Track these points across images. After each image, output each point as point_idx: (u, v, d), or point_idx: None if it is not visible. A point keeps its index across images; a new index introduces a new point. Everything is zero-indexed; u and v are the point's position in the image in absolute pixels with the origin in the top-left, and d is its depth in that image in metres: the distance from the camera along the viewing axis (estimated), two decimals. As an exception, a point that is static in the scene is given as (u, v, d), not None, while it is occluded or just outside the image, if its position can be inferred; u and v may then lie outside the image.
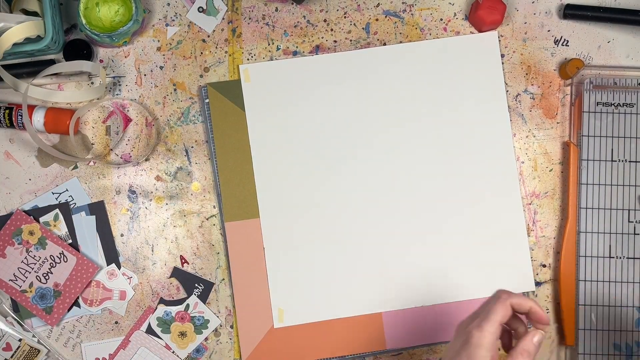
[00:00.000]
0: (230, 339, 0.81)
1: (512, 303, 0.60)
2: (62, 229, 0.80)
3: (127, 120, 0.81)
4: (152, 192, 0.81)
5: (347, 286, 0.80)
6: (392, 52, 0.81)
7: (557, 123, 0.82)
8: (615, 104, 0.79)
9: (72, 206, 0.80)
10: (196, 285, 0.81)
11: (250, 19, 0.82)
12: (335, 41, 0.82)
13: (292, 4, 0.82)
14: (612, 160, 0.79)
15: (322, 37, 0.82)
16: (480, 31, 0.82)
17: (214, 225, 0.81)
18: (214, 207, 0.81)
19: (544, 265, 0.81)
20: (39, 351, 0.80)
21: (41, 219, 0.80)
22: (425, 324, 0.80)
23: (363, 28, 0.82)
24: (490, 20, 0.79)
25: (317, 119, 0.80)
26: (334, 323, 0.80)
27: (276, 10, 0.82)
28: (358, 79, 0.80)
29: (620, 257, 0.79)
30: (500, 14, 0.79)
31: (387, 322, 0.80)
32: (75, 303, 0.80)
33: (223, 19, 0.82)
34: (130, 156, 0.81)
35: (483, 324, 0.59)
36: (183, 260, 0.81)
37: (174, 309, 0.81)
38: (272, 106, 0.80)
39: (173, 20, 0.81)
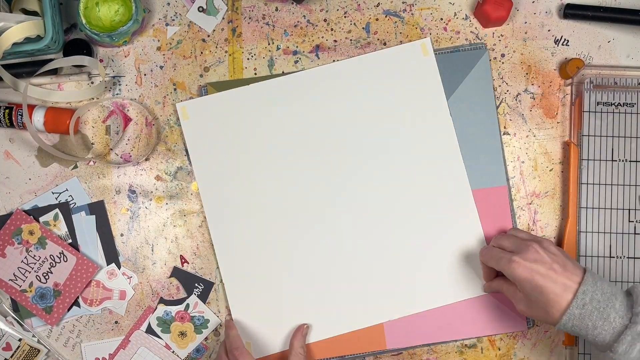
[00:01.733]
0: (230, 338, 0.81)
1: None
2: (62, 228, 0.80)
3: (127, 120, 0.81)
4: (152, 192, 0.81)
5: (316, 310, 0.80)
6: (325, 71, 0.80)
7: (558, 123, 0.82)
8: (616, 104, 0.79)
9: (72, 206, 0.80)
10: (196, 285, 0.81)
11: (250, 18, 0.82)
12: (335, 41, 0.82)
13: (292, 3, 0.82)
14: (612, 160, 0.79)
15: (322, 37, 0.82)
16: (484, 27, 0.81)
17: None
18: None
19: (544, 265, 0.81)
20: (38, 351, 0.80)
21: (41, 219, 0.80)
22: (425, 325, 0.80)
23: (363, 28, 0.82)
24: (495, 16, 0.78)
25: (262, 145, 0.80)
26: None
27: (276, 9, 0.82)
28: (295, 102, 0.80)
29: (620, 257, 0.79)
30: (506, 10, 0.78)
31: (387, 324, 0.80)
32: (75, 303, 0.80)
33: (223, 18, 0.82)
34: (130, 156, 0.81)
35: None
36: (183, 260, 0.81)
37: (173, 309, 0.81)
38: (213, 139, 0.80)
39: (173, 19, 0.81)
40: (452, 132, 0.80)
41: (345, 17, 0.82)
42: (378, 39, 0.82)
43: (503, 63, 0.82)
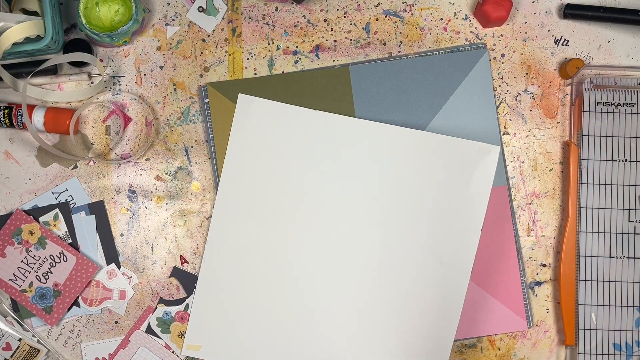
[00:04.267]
0: (230, 338, 0.81)
1: None
2: (61, 228, 0.80)
3: (127, 120, 0.81)
4: (152, 192, 0.81)
5: (275, 343, 0.79)
6: (392, 132, 0.79)
7: (557, 123, 0.82)
8: (616, 104, 0.79)
9: (72, 206, 0.80)
10: (196, 285, 0.80)
11: (250, 18, 0.82)
12: (335, 41, 0.82)
13: (292, 3, 0.82)
14: (612, 160, 0.79)
15: (322, 37, 0.82)
16: (484, 27, 0.81)
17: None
18: (214, 206, 0.81)
19: (544, 265, 0.81)
20: (38, 351, 0.80)
21: (41, 219, 0.80)
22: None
23: (363, 28, 0.82)
24: (495, 16, 0.78)
25: (297, 172, 0.79)
26: None
27: (276, 9, 0.82)
28: (351, 147, 0.79)
29: (620, 257, 0.79)
30: (506, 10, 0.78)
31: None
32: (75, 303, 0.80)
33: (223, 18, 0.82)
34: (130, 156, 0.81)
35: None
36: (183, 260, 0.81)
37: (173, 309, 0.81)
38: (255, 142, 0.79)
39: (173, 19, 0.81)
40: (476, 241, 0.78)
41: (345, 17, 0.82)
42: (378, 39, 0.82)
43: (503, 63, 0.82)
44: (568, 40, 0.82)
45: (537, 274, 0.81)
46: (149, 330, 0.81)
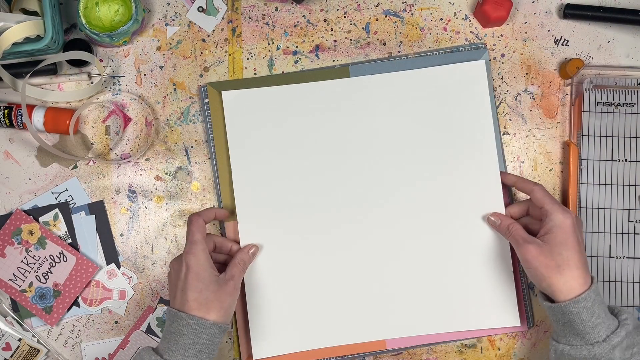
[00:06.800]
0: (230, 338, 0.81)
1: (204, 219, 0.72)
2: (61, 228, 0.80)
3: (127, 120, 0.81)
4: (151, 192, 0.81)
5: (330, 315, 0.79)
6: (378, 80, 0.79)
7: (557, 123, 0.82)
8: (615, 104, 0.79)
9: (71, 206, 0.80)
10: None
11: (250, 18, 0.82)
12: (335, 41, 0.82)
13: (292, 3, 0.82)
14: (612, 160, 0.79)
15: (322, 37, 0.82)
16: (484, 27, 0.81)
17: (214, 225, 0.81)
18: (214, 206, 0.81)
19: (544, 265, 0.81)
20: (38, 351, 0.80)
21: (41, 219, 0.80)
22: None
23: (363, 28, 0.82)
24: (495, 16, 0.78)
25: (302, 146, 0.79)
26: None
27: (276, 9, 0.82)
28: (341, 107, 0.79)
29: (620, 257, 0.79)
30: (506, 10, 0.78)
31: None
32: (75, 303, 0.80)
33: (223, 18, 0.82)
34: (130, 156, 0.81)
35: (190, 248, 0.69)
36: (183, 260, 0.81)
37: (173, 309, 0.80)
38: (253, 133, 0.79)
39: (173, 19, 0.81)
40: (494, 151, 0.79)
41: (345, 17, 0.82)
42: (378, 39, 0.82)
43: (503, 63, 0.82)
44: (568, 40, 0.82)
45: (537, 274, 0.81)
46: (149, 330, 0.81)
